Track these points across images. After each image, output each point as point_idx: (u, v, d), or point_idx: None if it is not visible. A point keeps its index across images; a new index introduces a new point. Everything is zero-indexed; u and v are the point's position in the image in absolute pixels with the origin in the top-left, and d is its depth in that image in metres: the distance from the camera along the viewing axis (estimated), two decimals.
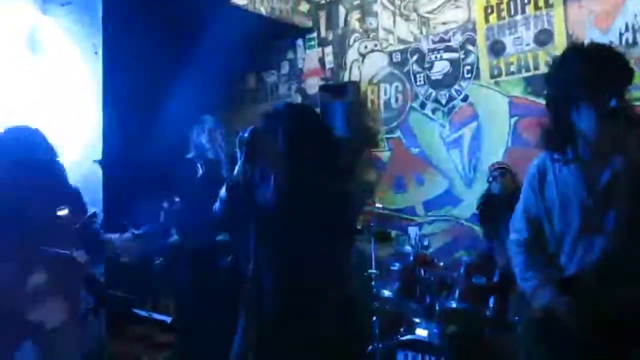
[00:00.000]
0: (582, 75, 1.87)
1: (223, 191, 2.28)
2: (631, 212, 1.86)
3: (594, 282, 1.92)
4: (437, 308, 3.69)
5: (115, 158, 4.22)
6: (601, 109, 1.83)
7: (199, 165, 4.04)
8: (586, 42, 2.05)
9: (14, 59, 3.86)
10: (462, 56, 4.76)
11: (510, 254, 2.21)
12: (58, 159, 2.81)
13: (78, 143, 4.03)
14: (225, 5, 4.82)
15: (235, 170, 2.23)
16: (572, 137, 1.94)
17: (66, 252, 2.56)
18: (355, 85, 5.35)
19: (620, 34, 3.98)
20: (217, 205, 2.32)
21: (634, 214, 1.86)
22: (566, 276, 1.99)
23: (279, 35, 5.80)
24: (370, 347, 3.58)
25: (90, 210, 2.78)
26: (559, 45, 4.21)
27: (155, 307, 4.16)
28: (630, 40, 3.94)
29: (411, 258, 3.93)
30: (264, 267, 2.25)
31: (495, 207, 3.90)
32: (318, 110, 5.37)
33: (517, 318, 3.27)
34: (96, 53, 4.21)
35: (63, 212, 2.57)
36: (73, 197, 2.81)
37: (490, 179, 4.08)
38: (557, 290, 1.98)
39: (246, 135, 2.20)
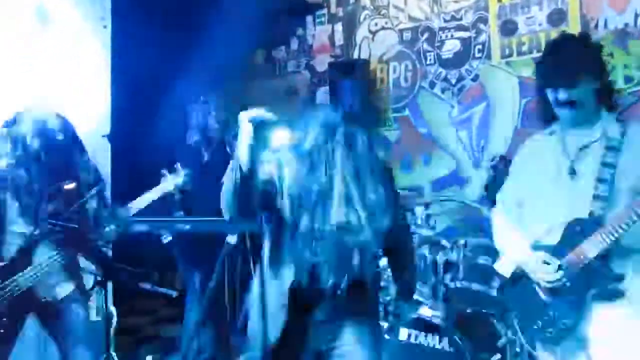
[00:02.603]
0: (544, 67, 2.23)
1: (228, 183, 2.09)
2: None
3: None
4: (443, 288, 3.72)
5: (123, 133, 4.23)
6: (555, 98, 2.17)
7: (203, 145, 4.01)
8: (574, 32, 2.48)
9: (23, 33, 3.85)
10: (474, 35, 4.71)
11: (493, 221, 2.50)
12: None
13: (86, 117, 4.03)
14: None
15: (244, 157, 2.03)
16: (552, 114, 2.26)
17: (70, 224, 2.58)
18: (365, 63, 5.31)
19: (636, 15, 3.90)
20: (224, 200, 2.15)
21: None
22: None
23: (289, 11, 5.75)
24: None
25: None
26: (573, 26, 4.15)
27: (162, 282, 4.20)
28: None
29: (417, 238, 3.94)
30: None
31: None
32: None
33: None
34: (105, 27, 4.20)
35: (70, 185, 2.59)
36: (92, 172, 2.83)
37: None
38: (530, 248, 2.26)
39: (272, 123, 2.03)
